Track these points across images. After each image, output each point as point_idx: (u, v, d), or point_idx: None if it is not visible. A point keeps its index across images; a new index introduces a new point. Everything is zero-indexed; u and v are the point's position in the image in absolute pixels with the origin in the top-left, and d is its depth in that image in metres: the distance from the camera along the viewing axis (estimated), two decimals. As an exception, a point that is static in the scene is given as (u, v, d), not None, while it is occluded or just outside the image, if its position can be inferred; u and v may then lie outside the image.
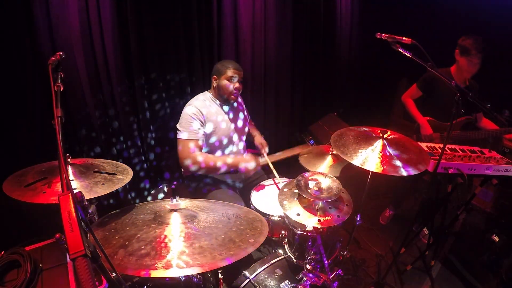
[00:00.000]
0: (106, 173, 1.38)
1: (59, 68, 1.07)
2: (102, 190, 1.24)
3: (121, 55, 2.10)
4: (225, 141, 2.03)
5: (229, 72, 1.93)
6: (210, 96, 2.03)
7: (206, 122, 1.92)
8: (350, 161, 1.50)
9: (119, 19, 2.02)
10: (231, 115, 2.09)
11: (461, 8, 2.96)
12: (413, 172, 1.46)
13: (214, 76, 1.98)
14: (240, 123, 2.16)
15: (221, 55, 2.59)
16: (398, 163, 1.50)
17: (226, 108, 2.06)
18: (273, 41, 2.87)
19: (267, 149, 2.23)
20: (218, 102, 2.03)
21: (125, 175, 1.39)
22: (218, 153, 2.05)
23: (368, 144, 1.60)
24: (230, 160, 1.94)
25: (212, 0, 2.40)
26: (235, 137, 2.10)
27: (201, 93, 2.05)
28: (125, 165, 1.49)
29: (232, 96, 1.98)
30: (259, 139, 2.30)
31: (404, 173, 1.45)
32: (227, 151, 2.08)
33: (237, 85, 1.96)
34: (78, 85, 1.97)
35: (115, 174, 1.37)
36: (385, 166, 1.47)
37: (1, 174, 1.35)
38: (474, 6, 2.86)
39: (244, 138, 2.23)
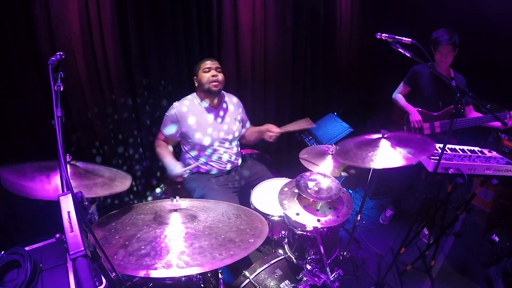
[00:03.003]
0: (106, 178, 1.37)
1: (59, 68, 1.07)
2: (101, 191, 1.24)
3: (121, 55, 2.10)
4: (207, 141, 2.06)
5: (203, 65, 2.04)
6: (195, 97, 2.12)
7: (184, 122, 2.02)
8: (371, 167, 1.53)
9: (119, 19, 2.02)
10: (216, 117, 2.11)
11: (462, 7, 2.95)
12: (424, 156, 1.52)
13: (194, 77, 2.09)
14: (226, 126, 2.14)
15: (221, 55, 2.59)
16: (408, 152, 1.53)
17: (211, 110, 2.10)
18: (273, 41, 2.87)
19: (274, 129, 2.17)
20: (203, 103, 2.09)
21: (124, 183, 1.39)
22: (207, 152, 2.11)
23: (374, 147, 1.61)
24: (164, 159, 2.01)
25: (212, 0, 2.40)
26: (219, 139, 2.11)
27: (190, 94, 2.14)
28: (124, 173, 1.49)
29: (213, 84, 2.00)
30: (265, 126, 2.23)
31: (416, 160, 1.49)
32: (209, 151, 2.11)
33: (214, 72, 2.02)
34: (78, 85, 1.97)
35: (113, 180, 1.37)
36: (401, 158, 1.51)
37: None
38: (474, 5, 2.86)
39: (233, 141, 2.21)
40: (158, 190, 2.44)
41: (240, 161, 2.30)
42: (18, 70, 1.76)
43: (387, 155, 1.55)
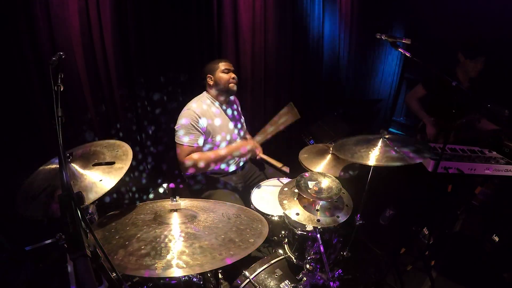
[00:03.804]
0: (106, 163, 1.35)
1: (59, 68, 1.07)
2: (100, 189, 1.22)
3: (121, 55, 2.10)
4: (224, 141, 2.04)
5: (222, 66, 2.01)
6: (208, 97, 2.05)
7: (206, 124, 1.94)
8: (365, 163, 1.53)
9: (119, 19, 2.02)
10: (229, 115, 2.11)
11: (462, 7, 2.95)
12: (419, 159, 1.50)
13: (208, 75, 2.02)
14: (238, 123, 2.19)
15: (221, 55, 2.59)
16: (405, 152, 1.54)
17: (224, 108, 2.09)
18: (273, 41, 2.87)
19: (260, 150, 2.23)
20: (216, 102, 2.06)
21: (125, 161, 1.36)
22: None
23: (372, 145, 1.62)
24: (224, 151, 1.96)
25: (212, 0, 2.40)
26: (234, 136, 2.12)
27: (198, 95, 2.07)
28: (125, 146, 1.46)
29: (231, 85, 2.02)
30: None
31: (413, 161, 1.48)
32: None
33: (233, 75, 2.02)
34: (78, 85, 1.97)
35: (114, 163, 1.34)
36: (395, 157, 1.52)
37: (2, 175, 1.35)
38: (475, 5, 2.86)
39: (243, 137, 2.26)
40: (161, 189, 2.44)
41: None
42: (18, 70, 1.76)
43: (380, 154, 1.56)
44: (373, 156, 1.53)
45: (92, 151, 1.42)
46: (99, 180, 1.25)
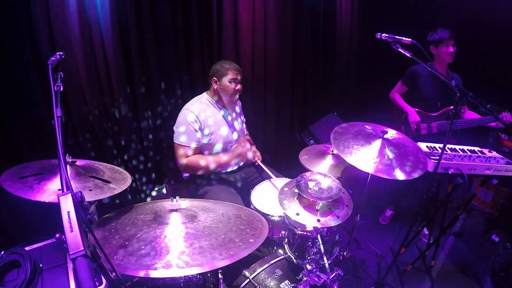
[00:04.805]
0: (100, 179, 1.36)
1: (59, 68, 1.07)
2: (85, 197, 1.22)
3: (121, 55, 2.10)
4: (223, 144, 2.04)
5: (230, 74, 1.93)
6: (208, 99, 2.03)
7: (204, 127, 1.93)
8: (344, 158, 1.52)
9: (119, 19, 2.02)
10: (229, 119, 2.09)
11: (462, 7, 2.95)
12: (405, 177, 1.47)
13: (214, 78, 1.96)
14: (237, 126, 2.16)
15: (221, 55, 2.59)
16: (394, 164, 1.51)
17: (223, 111, 2.07)
18: (273, 41, 2.87)
19: (260, 157, 2.26)
20: (216, 105, 2.03)
21: (120, 185, 1.37)
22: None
23: (367, 143, 1.60)
24: (224, 158, 1.96)
25: (212, 0, 2.40)
26: (233, 139, 2.11)
27: (198, 96, 2.05)
28: (127, 174, 1.47)
29: (235, 97, 1.99)
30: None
31: (398, 177, 1.46)
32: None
33: (239, 86, 1.97)
34: (78, 85, 1.97)
35: (109, 182, 1.36)
36: (379, 167, 1.48)
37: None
38: (475, 5, 2.86)
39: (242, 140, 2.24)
40: (164, 190, 2.44)
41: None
42: (18, 70, 1.76)
43: (371, 158, 1.53)
44: (366, 161, 1.51)
45: (95, 166, 1.44)
46: (88, 190, 1.24)
